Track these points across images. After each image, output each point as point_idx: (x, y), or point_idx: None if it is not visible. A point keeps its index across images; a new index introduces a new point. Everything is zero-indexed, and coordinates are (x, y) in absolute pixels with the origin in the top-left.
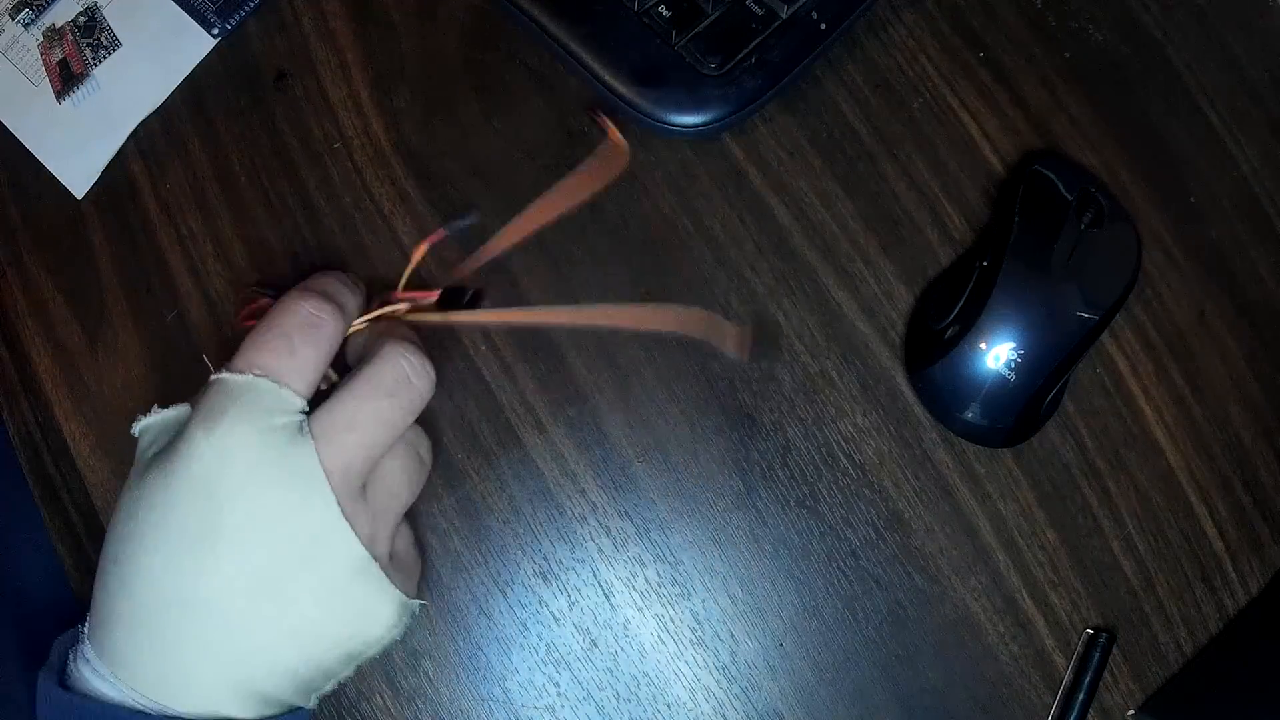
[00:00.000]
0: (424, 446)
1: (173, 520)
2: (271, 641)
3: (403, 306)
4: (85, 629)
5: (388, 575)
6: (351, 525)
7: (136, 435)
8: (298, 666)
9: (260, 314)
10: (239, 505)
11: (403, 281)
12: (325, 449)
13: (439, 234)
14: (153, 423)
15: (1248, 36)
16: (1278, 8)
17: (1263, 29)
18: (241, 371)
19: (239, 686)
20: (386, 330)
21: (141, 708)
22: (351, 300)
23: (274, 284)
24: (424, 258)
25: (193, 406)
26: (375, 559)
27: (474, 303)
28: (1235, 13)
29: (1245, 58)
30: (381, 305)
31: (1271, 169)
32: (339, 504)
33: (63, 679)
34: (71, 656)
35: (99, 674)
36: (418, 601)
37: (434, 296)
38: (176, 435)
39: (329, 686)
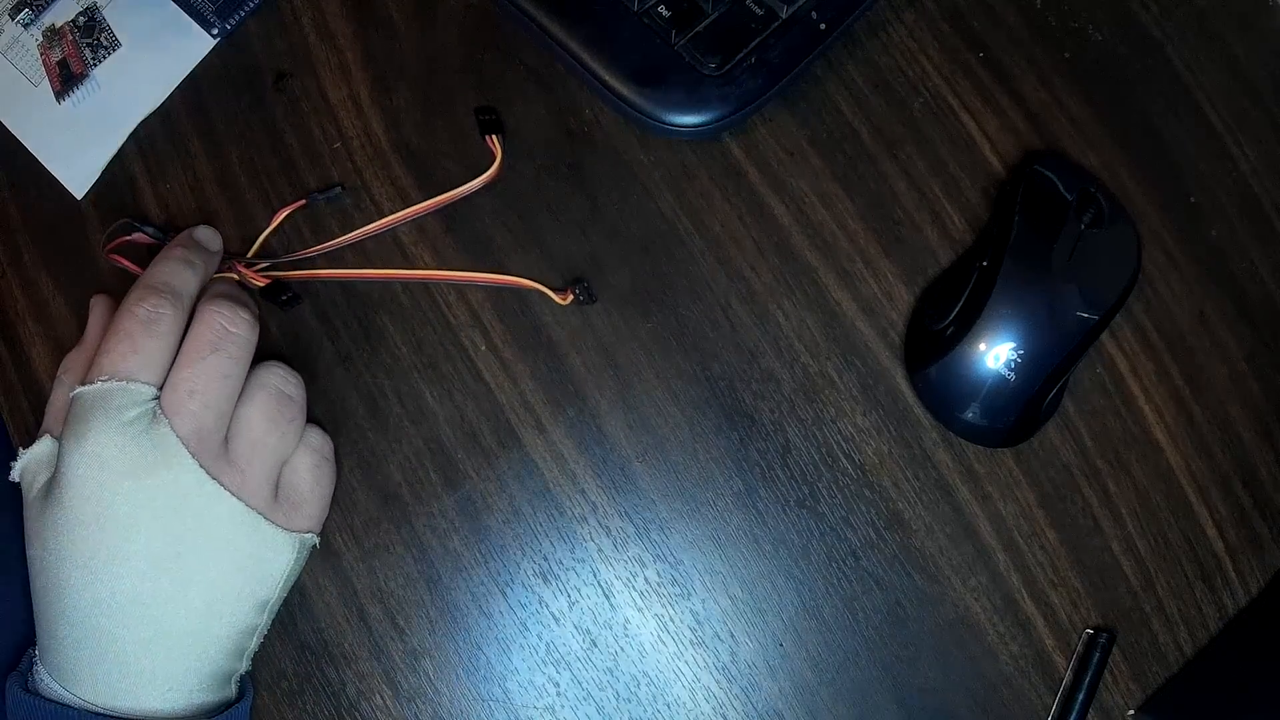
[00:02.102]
0: (284, 384)
1: (74, 534)
2: (186, 614)
3: (233, 277)
4: (35, 653)
5: (268, 516)
6: (218, 480)
7: (17, 479)
8: (218, 630)
9: (128, 249)
10: (119, 500)
11: (255, 246)
12: (176, 421)
13: (299, 204)
14: (28, 461)
15: (1248, 36)
16: (1278, 8)
17: (1263, 29)
18: (92, 382)
19: (177, 670)
20: (207, 289)
21: (97, 710)
22: (193, 277)
23: (148, 222)
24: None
25: (63, 430)
26: (251, 506)
27: (289, 304)
28: (1235, 13)
29: (1245, 58)
30: (226, 270)
31: (1271, 169)
32: (200, 465)
33: (28, 682)
34: (35, 664)
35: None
36: (310, 535)
37: (263, 283)
38: (57, 460)
39: (254, 642)
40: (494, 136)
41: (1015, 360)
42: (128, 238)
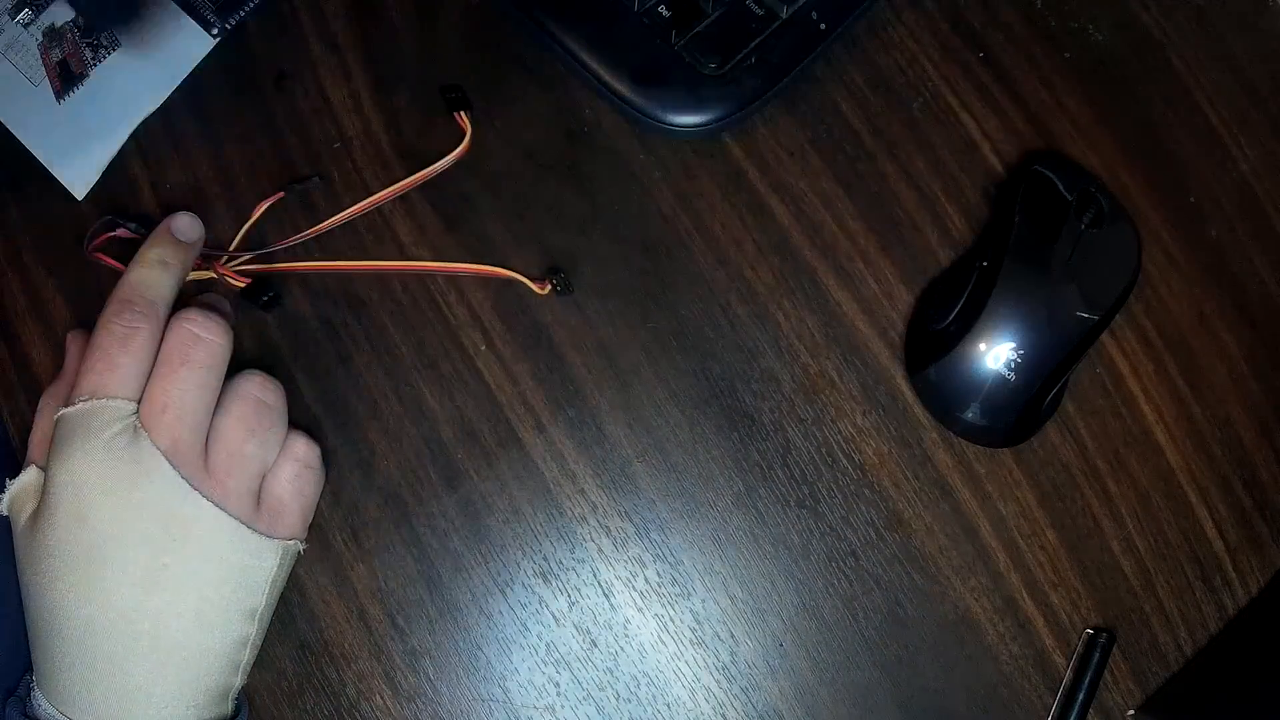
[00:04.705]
0: (262, 392)
1: (63, 556)
2: (177, 628)
3: (212, 276)
4: (32, 679)
5: (250, 525)
6: (200, 491)
7: (5, 512)
8: (209, 642)
9: (114, 245)
10: (105, 518)
11: (235, 240)
12: (154, 435)
13: (278, 196)
14: (15, 491)
15: (1248, 36)
16: (1278, 8)
17: (1263, 29)
18: (73, 403)
19: (172, 687)
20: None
21: None
22: (168, 280)
23: (132, 216)
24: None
25: (49, 453)
26: (233, 515)
27: (270, 305)
28: (1235, 13)
29: (1245, 58)
30: (204, 267)
31: (1271, 169)
32: (181, 477)
33: (27, 708)
34: (33, 689)
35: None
36: (294, 543)
37: (244, 284)
38: (44, 484)
39: (247, 655)
40: (462, 113)
41: (1015, 360)
42: (111, 234)
